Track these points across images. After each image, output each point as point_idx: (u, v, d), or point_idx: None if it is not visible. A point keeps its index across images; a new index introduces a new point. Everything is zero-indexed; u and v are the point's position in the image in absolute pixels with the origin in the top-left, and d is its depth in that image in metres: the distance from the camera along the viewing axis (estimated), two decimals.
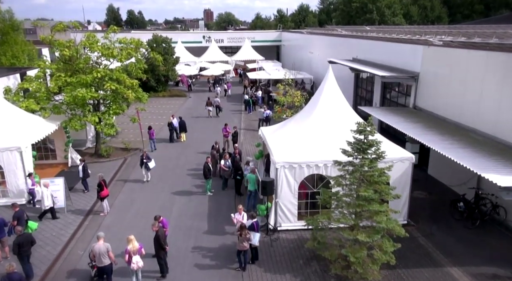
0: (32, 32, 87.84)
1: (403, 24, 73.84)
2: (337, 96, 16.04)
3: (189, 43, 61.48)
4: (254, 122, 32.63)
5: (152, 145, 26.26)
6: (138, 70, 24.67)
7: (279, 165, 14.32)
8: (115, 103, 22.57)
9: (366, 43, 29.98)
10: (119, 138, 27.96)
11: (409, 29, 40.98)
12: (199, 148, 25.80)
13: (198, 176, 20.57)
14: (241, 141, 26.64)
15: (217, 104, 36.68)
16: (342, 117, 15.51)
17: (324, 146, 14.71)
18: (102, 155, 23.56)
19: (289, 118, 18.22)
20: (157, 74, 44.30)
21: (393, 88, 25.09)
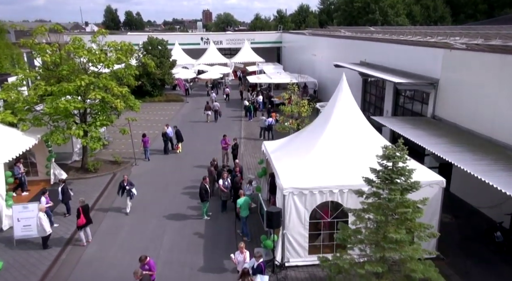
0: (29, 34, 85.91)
1: (406, 24, 71.89)
2: (352, 109, 13.96)
3: (186, 45, 59.37)
4: (255, 129, 30.52)
5: (147, 154, 24.49)
6: (130, 77, 22.58)
7: (287, 191, 12.21)
8: (102, 114, 20.45)
9: (375, 46, 27.90)
10: (109, 149, 25.87)
11: (417, 30, 38.93)
12: (196, 160, 23.68)
13: (194, 196, 18.45)
14: (241, 152, 24.53)
15: (216, 108, 34.81)
16: (359, 134, 13.43)
17: (339, 168, 12.63)
18: (89, 170, 21.43)
19: (295, 133, 16.10)
20: (152, 78, 42.19)
21: (407, 95, 22.99)
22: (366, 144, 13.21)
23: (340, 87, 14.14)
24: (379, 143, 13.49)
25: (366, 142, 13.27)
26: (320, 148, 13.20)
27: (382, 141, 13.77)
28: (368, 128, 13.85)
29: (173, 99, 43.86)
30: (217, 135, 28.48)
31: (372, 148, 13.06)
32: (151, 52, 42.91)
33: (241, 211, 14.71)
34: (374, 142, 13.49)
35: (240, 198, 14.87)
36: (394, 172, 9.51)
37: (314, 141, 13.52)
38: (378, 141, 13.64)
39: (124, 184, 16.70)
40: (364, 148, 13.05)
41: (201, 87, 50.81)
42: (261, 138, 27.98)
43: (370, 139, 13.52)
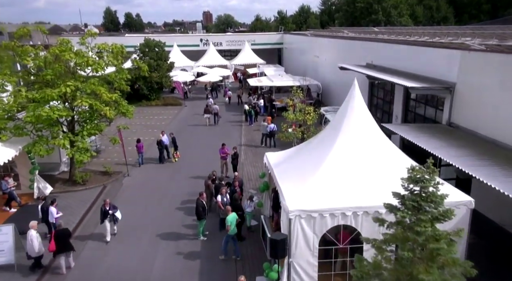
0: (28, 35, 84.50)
1: (410, 24, 70.41)
2: (366, 119, 12.38)
3: (185, 46, 57.84)
4: (256, 136, 28.97)
5: (140, 159, 23.33)
6: (121, 81, 21.05)
7: (293, 214, 10.65)
8: (90, 122, 18.91)
9: (383, 47, 26.33)
10: (100, 158, 24.32)
11: (424, 30, 37.35)
12: (193, 170, 22.12)
13: (189, 212, 16.87)
14: (241, 162, 22.96)
15: (216, 111, 33.48)
16: (374, 148, 11.85)
17: (352, 187, 11.06)
18: (77, 182, 19.89)
19: (301, 144, 14.52)
20: (149, 82, 40.64)
21: (419, 100, 21.43)
22: (383, 159, 11.66)
23: (351, 93, 12.58)
24: (397, 159, 11.97)
25: (383, 157, 11.71)
26: (330, 164, 11.62)
27: (400, 156, 12.22)
28: (384, 141, 12.27)
29: (171, 103, 42.31)
30: (216, 142, 26.92)
31: (390, 164, 11.57)
32: (147, 54, 41.40)
33: (230, 229, 13.34)
34: (392, 157, 11.96)
35: (229, 215, 13.49)
36: (423, 198, 7.95)
37: (323, 155, 11.94)
38: (396, 156, 12.10)
39: (106, 208, 14.51)
40: (380, 164, 11.50)
41: (200, 90, 49.26)
42: (262, 145, 26.43)
43: (387, 153, 11.96)
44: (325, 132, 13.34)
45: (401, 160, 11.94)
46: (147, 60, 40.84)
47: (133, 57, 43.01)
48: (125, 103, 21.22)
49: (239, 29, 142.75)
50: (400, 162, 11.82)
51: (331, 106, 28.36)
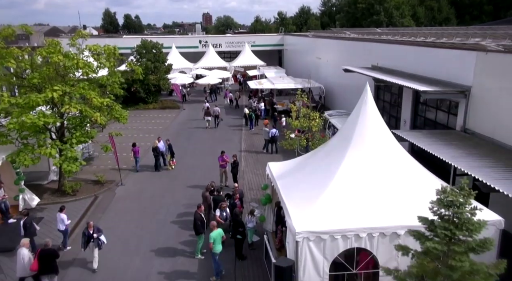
0: (25, 37, 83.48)
1: (412, 25, 69.32)
2: (380, 129, 11.19)
3: (184, 48, 56.64)
4: (257, 141, 27.77)
5: (137, 164, 22.45)
6: (115, 85, 19.88)
7: (301, 236, 9.44)
8: (80, 129, 17.71)
9: (389, 48, 25.13)
10: (93, 165, 23.14)
11: (429, 30, 36.17)
12: (191, 178, 20.94)
13: (186, 225, 15.69)
14: (242, 169, 21.75)
15: (217, 113, 32.51)
16: (390, 161, 10.67)
17: (366, 205, 9.88)
18: (66, 192, 18.67)
19: (306, 154, 13.31)
20: (146, 84, 39.44)
21: (429, 104, 20.23)
22: (401, 173, 10.47)
23: (363, 99, 11.40)
24: (417, 173, 10.77)
25: (400, 171, 10.53)
26: (340, 179, 10.42)
27: (420, 170, 11.03)
28: (401, 153, 11.07)
29: (169, 106, 41.10)
30: (215, 147, 25.80)
31: (408, 180, 10.40)
32: (145, 56, 40.22)
33: (213, 246, 12.20)
34: (411, 171, 10.76)
35: (213, 231, 12.37)
36: (457, 226, 6.75)
37: (333, 168, 10.74)
38: (415, 170, 10.90)
39: (90, 232, 12.82)
40: (398, 179, 10.32)
41: (199, 92, 48.09)
42: (264, 151, 25.22)
43: (405, 167, 10.77)
44: (334, 141, 12.13)
45: (421, 174, 10.78)
46: (144, 62, 39.69)
47: (130, 59, 42.17)
48: (118, 108, 20.05)
49: (238, 31, 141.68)
50: (420, 177, 10.69)
51: (336, 110, 27.20)
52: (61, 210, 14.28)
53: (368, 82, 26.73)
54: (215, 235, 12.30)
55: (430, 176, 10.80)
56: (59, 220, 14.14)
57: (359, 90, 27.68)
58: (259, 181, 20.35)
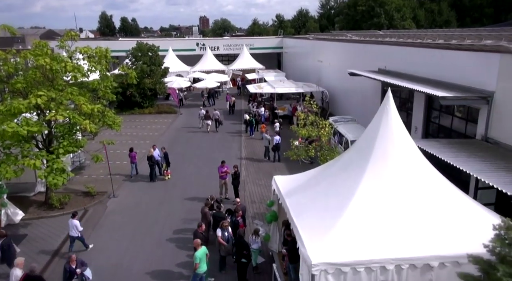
0: (20, 40, 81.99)
1: (413, 28, 68.32)
2: (405, 142, 9.84)
3: (181, 51, 55.28)
4: (258, 148, 26.42)
5: (134, 170, 21.73)
6: (107, 90, 18.50)
7: (318, 269, 8.07)
8: (69, 137, 16.29)
9: (398, 51, 23.83)
10: (84, 175, 21.73)
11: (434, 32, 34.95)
12: (188, 190, 19.57)
13: (183, 244, 14.32)
14: (242, 179, 20.37)
15: (217, 117, 31.60)
16: (417, 179, 9.32)
17: (392, 232, 8.52)
18: (53, 205, 17.24)
19: (317, 169, 11.93)
20: (142, 88, 38.03)
21: (444, 110, 18.94)
22: (431, 194, 9.13)
23: (384, 108, 10.06)
24: (447, 192, 9.42)
25: (430, 192, 9.18)
26: (361, 199, 9.06)
27: (453, 191, 9.66)
28: (429, 170, 9.71)
29: (166, 110, 39.66)
30: (214, 155, 24.54)
31: (440, 202, 9.05)
32: (140, 59, 38.83)
33: (199, 266, 11.11)
34: (442, 192, 9.39)
35: (198, 250, 11.27)
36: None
37: (352, 187, 9.37)
38: (445, 189, 9.53)
39: (73, 267, 11.27)
40: (428, 201, 8.98)
41: (197, 96, 46.64)
42: (265, 159, 23.84)
43: (435, 187, 9.40)
44: (349, 155, 10.75)
45: (453, 195, 9.43)
46: (140, 65, 38.32)
47: (125, 62, 40.79)
48: (111, 114, 18.70)
49: (236, 34, 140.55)
50: (453, 198, 9.33)
51: (340, 116, 25.86)
52: (73, 216, 13.95)
53: (374, 86, 25.62)
54: (200, 254, 11.25)
55: (464, 198, 9.46)
56: (72, 226, 13.74)
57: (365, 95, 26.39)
58: (261, 193, 19.00)
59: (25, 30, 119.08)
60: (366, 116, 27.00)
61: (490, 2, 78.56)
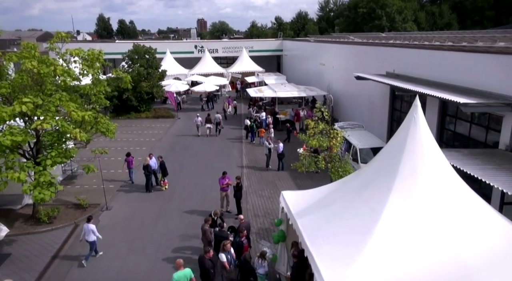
0: (17, 43, 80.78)
1: (414, 30, 67.36)
2: (436, 159, 8.59)
3: (179, 53, 54.12)
4: (259, 154, 25.18)
5: (132, 176, 20.96)
6: (100, 95, 17.26)
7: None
8: (58, 147, 15.01)
9: (408, 54, 22.66)
10: (76, 185, 20.46)
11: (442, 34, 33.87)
12: (187, 201, 18.31)
13: None
14: (245, 189, 19.14)
15: (218, 121, 30.72)
16: (453, 201, 8.08)
17: (427, 260, 7.29)
18: (41, 220, 15.95)
19: (331, 185, 10.68)
20: (139, 92, 36.77)
21: (460, 117, 17.77)
22: (467, 217, 7.90)
23: (411, 119, 8.84)
24: (486, 215, 8.20)
25: (466, 214, 7.95)
26: (389, 224, 7.82)
27: (488, 211, 8.45)
28: (464, 189, 8.48)
29: (163, 115, 38.40)
30: (214, 163, 23.39)
31: (477, 225, 7.81)
32: (137, 61, 37.59)
33: None
34: (478, 213, 8.17)
35: (178, 272, 10.20)
36: None
37: (377, 209, 8.14)
38: (483, 211, 8.31)
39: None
40: (464, 224, 7.74)
41: (195, 100, 45.44)
42: (268, 168, 22.59)
43: (470, 207, 8.18)
44: (370, 171, 9.49)
45: (491, 218, 8.19)
46: (137, 68, 37.08)
47: (122, 65, 39.56)
48: (105, 120, 17.48)
49: (234, 36, 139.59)
50: (491, 222, 8.09)
51: (346, 122, 24.66)
52: (88, 220, 13.58)
53: (381, 90, 24.44)
54: (178, 277, 10.08)
55: (503, 221, 8.22)
56: (88, 230, 13.31)
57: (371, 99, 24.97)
58: (265, 206, 17.75)
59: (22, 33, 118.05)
60: (373, 122, 25.91)
61: (491, 4, 78.00)
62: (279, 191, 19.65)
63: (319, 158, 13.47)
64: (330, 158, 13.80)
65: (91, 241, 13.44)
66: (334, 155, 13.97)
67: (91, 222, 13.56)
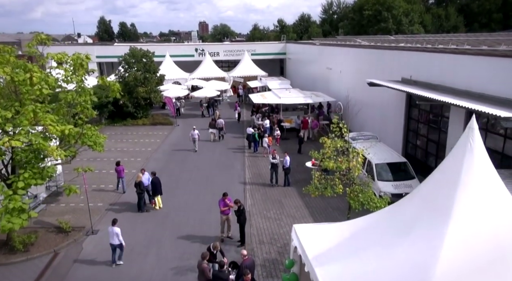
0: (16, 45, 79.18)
1: (422, 33, 65.44)
2: (498, 193, 6.59)
3: (179, 57, 52.16)
4: (263, 167, 23.23)
5: (121, 185, 19.77)
6: (86, 105, 15.25)
7: None
8: (31, 167, 13.00)
9: (427, 58, 20.61)
10: (60, 204, 18.48)
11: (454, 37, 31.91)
12: (183, 225, 16.31)
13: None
14: (247, 209, 17.15)
15: (221, 126, 29.70)
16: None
17: None
18: (15, 248, 13.96)
19: (356, 221, 8.64)
20: (135, 97, 34.83)
21: (491, 130, 15.77)
22: None
23: (467, 145, 6.78)
24: None
25: None
26: None
27: None
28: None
29: (161, 121, 36.40)
30: (214, 177, 21.56)
31: None
32: (133, 65, 35.64)
33: None
34: None
35: None
36: None
37: (427, 264, 6.12)
38: None
39: None
40: None
41: (195, 105, 43.44)
42: (272, 184, 20.56)
43: None
44: (411, 209, 7.46)
45: None
46: (133, 72, 35.14)
47: (119, 69, 37.63)
48: (92, 132, 15.46)
49: (235, 39, 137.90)
50: None
51: (359, 132, 22.64)
52: (113, 224, 13.32)
53: (397, 98, 22.44)
54: None
55: None
56: (113, 234, 13.05)
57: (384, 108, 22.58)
58: (271, 229, 15.74)
59: (23, 35, 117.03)
60: (386, 132, 23.85)
61: (499, 7, 76.38)
62: (286, 211, 17.82)
63: (335, 181, 11.35)
64: (348, 179, 11.73)
65: (117, 244, 13.17)
66: (351, 176, 11.89)
67: (116, 225, 13.31)
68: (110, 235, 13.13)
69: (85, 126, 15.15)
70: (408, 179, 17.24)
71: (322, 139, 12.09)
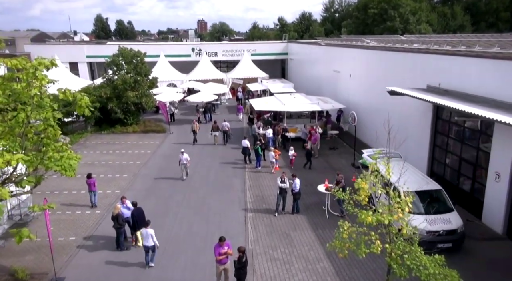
0: (10, 43, 76.10)
1: (429, 32, 62.48)
2: None
3: (175, 57, 48.96)
4: (267, 187, 20.19)
5: (93, 198, 18.11)
6: (49, 122, 12.08)
7: None
8: None
9: (460, 63, 17.50)
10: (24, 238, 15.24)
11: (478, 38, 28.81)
12: (168, 272, 13.19)
13: None
14: (249, 247, 14.12)
15: (226, 129, 27.99)
16: None
17: None
18: None
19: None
20: (125, 102, 31.67)
21: None
22: None
23: None
24: None
25: None
26: None
27: None
28: None
29: (153, 129, 33.15)
30: (210, 200, 18.72)
31: None
32: (122, 67, 32.47)
33: None
34: None
35: None
36: None
37: None
38: None
39: None
40: None
41: (191, 109, 40.30)
42: (278, 212, 17.38)
43: None
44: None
45: None
46: (123, 75, 32.01)
47: (107, 72, 34.51)
48: (61, 155, 12.32)
49: (234, 38, 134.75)
50: None
51: (373, 149, 19.61)
52: (146, 225, 13.16)
53: (419, 108, 19.38)
54: None
55: None
56: (147, 235, 12.94)
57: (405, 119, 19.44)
58: (279, 277, 12.66)
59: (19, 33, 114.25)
60: (407, 148, 20.78)
61: (506, 6, 73.90)
62: (297, 250, 14.31)
63: (373, 240, 8.18)
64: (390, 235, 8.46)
65: (149, 246, 13.00)
66: (393, 229, 8.71)
67: (149, 227, 13.12)
68: (144, 237, 13.05)
69: (50, 146, 12.05)
70: (446, 211, 14.16)
71: (358, 183, 8.95)
